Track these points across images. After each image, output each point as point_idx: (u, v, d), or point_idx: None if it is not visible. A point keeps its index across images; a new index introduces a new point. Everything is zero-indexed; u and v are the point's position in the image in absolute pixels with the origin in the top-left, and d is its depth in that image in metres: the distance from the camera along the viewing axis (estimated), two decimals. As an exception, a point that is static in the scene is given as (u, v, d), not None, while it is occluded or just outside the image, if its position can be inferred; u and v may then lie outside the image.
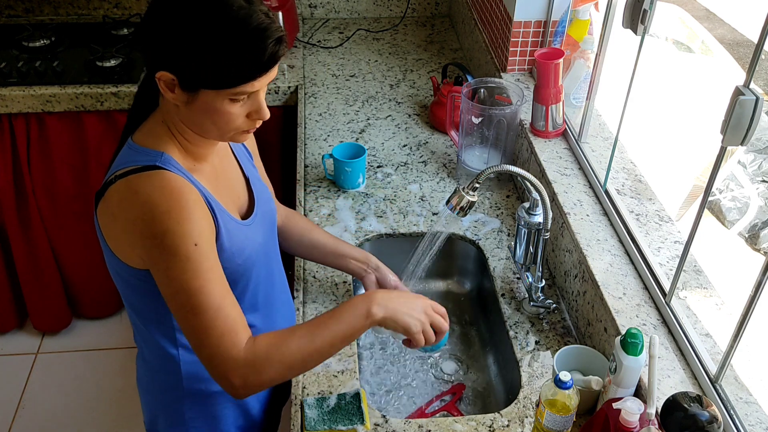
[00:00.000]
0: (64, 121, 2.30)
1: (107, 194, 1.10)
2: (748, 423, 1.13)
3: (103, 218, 1.12)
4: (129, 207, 1.07)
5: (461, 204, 1.44)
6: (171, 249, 1.04)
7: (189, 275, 1.05)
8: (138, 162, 1.09)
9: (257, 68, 1.04)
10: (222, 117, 1.08)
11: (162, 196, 1.05)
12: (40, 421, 2.49)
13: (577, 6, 1.90)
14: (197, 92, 1.06)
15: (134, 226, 1.06)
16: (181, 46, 1.02)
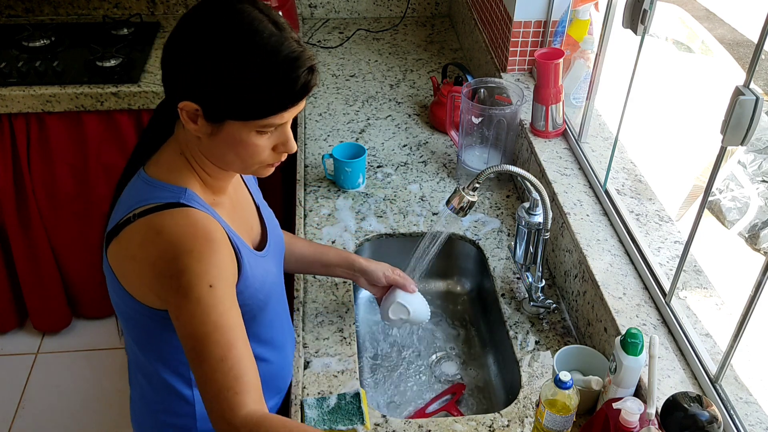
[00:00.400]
0: (64, 121, 2.30)
1: (124, 234, 1.03)
2: (748, 423, 1.13)
3: (119, 259, 1.06)
4: (151, 247, 1.01)
5: (461, 204, 1.44)
6: (184, 289, 0.98)
7: (197, 320, 0.99)
8: (159, 199, 1.03)
9: (288, 99, 0.99)
10: (247, 149, 1.03)
11: (187, 235, 1.00)
12: (40, 421, 2.49)
13: (577, 6, 1.90)
14: (222, 123, 1.00)
15: (154, 267, 1.01)
16: (207, 75, 0.97)
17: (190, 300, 0.98)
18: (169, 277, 0.99)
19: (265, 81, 0.97)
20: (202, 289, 0.98)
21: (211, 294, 0.99)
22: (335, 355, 1.45)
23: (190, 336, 0.99)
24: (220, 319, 1.00)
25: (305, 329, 1.51)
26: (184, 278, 0.98)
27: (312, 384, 1.39)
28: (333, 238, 1.75)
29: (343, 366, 1.43)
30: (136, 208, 1.03)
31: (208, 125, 1.01)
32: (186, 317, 0.99)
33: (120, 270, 1.06)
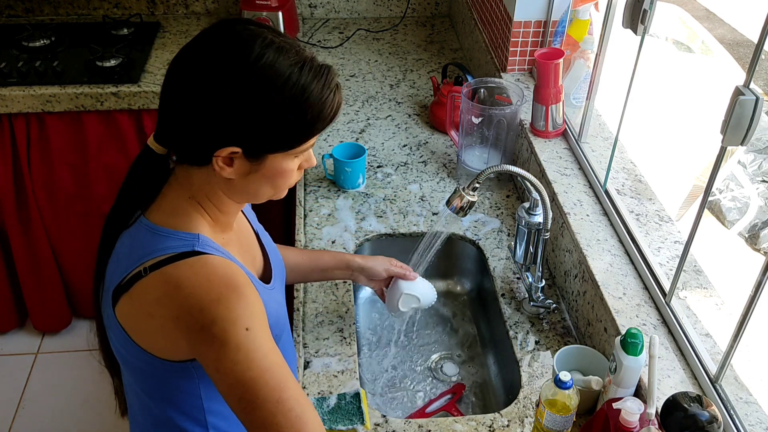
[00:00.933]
0: (64, 121, 2.30)
1: (136, 290, 0.97)
2: (748, 423, 1.13)
3: (131, 316, 1.00)
4: (171, 303, 0.95)
5: (461, 204, 1.44)
6: (220, 338, 0.92)
7: (242, 366, 0.93)
8: (171, 249, 0.97)
9: (325, 120, 0.98)
10: (284, 178, 1.01)
11: (210, 284, 0.95)
12: (40, 421, 2.49)
13: (577, 6, 1.90)
14: (263, 159, 0.97)
15: (178, 322, 0.95)
16: (245, 118, 0.93)
17: (229, 348, 0.93)
18: (200, 330, 0.93)
19: (309, 105, 0.95)
20: (239, 334, 0.93)
21: (250, 337, 0.94)
22: (335, 355, 1.45)
23: (236, 384, 0.94)
24: (265, 361, 0.95)
25: (305, 329, 1.51)
26: (216, 328, 0.93)
27: (312, 384, 1.39)
28: (333, 238, 1.75)
29: (343, 366, 1.43)
30: (146, 260, 0.97)
31: (247, 165, 0.97)
32: (228, 366, 0.93)
33: (133, 327, 1.00)
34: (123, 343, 1.03)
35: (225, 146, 0.94)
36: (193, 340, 0.95)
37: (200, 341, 0.94)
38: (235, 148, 0.94)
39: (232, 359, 0.93)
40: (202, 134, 0.95)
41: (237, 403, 0.95)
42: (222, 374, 0.94)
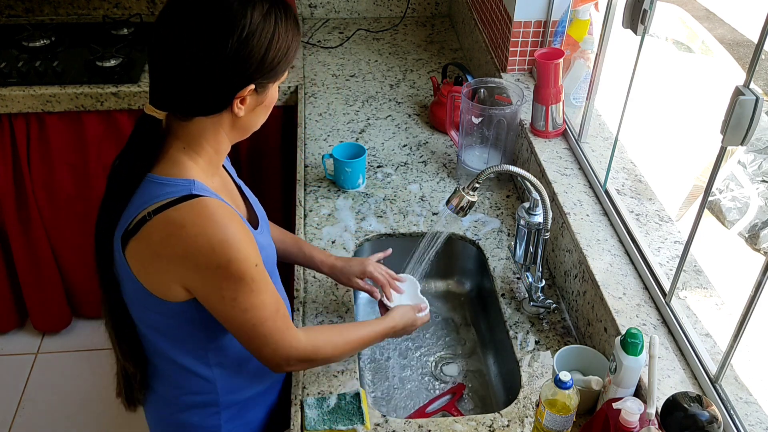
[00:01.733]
0: (64, 121, 2.30)
1: (142, 233, 1.07)
2: (748, 423, 1.13)
3: (139, 258, 1.10)
4: (177, 242, 1.05)
5: (461, 204, 1.44)
6: (238, 276, 1.08)
7: (255, 294, 1.11)
8: (170, 194, 1.07)
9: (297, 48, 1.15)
10: (273, 104, 1.17)
11: (213, 225, 1.06)
12: (40, 421, 2.49)
13: (577, 6, 1.90)
14: (267, 90, 1.12)
15: (186, 260, 1.06)
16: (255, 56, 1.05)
17: (246, 282, 1.09)
18: (216, 268, 1.06)
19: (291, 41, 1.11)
20: (252, 270, 1.10)
21: (258, 270, 1.11)
22: (335, 355, 1.45)
23: (250, 308, 1.12)
24: (268, 284, 1.15)
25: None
26: (233, 266, 1.07)
27: (312, 384, 1.39)
28: (333, 238, 1.75)
29: (343, 366, 1.43)
30: (149, 205, 1.07)
31: (255, 98, 1.11)
32: (245, 296, 1.10)
33: (141, 269, 1.11)
34: (133, 288, 1.14)
35: (243, 87, 1.07)
36: (209, 276, 1.07)
37: (219, 278, 1.07)
38: (251, 86, 1.07)
39: (249, 290, 1.10)
40: (221, 84, 1.06)
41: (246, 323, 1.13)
42: (238, 302, 1.10)
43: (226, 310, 1.12)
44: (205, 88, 1.06)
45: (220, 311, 1.12)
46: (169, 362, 1.26)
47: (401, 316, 1.41)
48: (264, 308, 1.14)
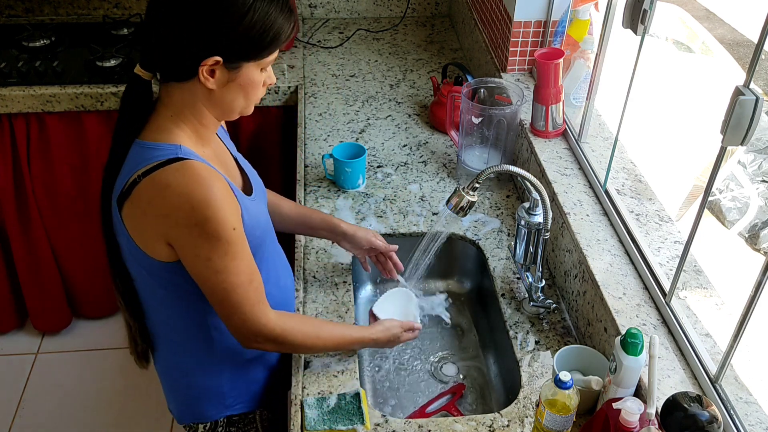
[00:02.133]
0: (64, 121, 2.30)
1: (134, 194, 1.13)
2: (748, 423, 1.13)
3: (132, 218, 1.15)
4: (162, 201, 1.11)
5: (461, 204, 1.44)
6: (214, 235, 1.12)
7: (230, 257, 1.14)
8: (158, 158, 1.12)
9: (288, 36, 1.16)
10: (255, 88, 1.18)
11: (196, 185, 1.10)
12: (40, 421, 2.49)
13: (577, 6, 1.90)
14: (239, 69, 1.13)
15: (168, 218, 1.11)
16: (229, 27, 1.08)
17: (222, 243, 1.13)
18: (193, 226, 1.11)
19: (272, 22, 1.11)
20: (229, 232, 1.13)
21: (236, 234, 1.15)
22: (335, 355, 1.45)
23: (222, 271, 1.15)
24: (245, 251, 1.18)
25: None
26: (210, 226, 1.11)
27: (312, 384, 1.39)
28: (333, 238, 1.75)
29: (343, 366, 1.43)
30: (138, 169, 1.12)
31: (225, 74, 1.13)
32: (219, 256, 1.14)
33: (133, 228, 1.16)
34: (130, 249, 1.20)
35: (208, 56, 1.09)
36: (185, 234, 1.12)
37: (192, 236, 1.12)
38: (217, 57, 1.10)
39: (224, 251, 1.13)
40: (188, 48, 1.10)
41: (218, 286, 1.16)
42: (211, 262, 1.14)
43: (200, 270, 1.15)
44: (172, 50, 1.11)
45: (196, 271, 1.16)
46: (168, 325, 1.32)
47: (384, 330, 1.42)
48: (237, 274, 1.16)
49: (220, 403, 1.41)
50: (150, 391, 2.54)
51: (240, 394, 1.43)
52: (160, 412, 2.48)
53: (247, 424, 1.48)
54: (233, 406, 1.43)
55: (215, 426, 1.45)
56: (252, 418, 1.48)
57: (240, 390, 1.42)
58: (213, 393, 1.40)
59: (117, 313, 2.85)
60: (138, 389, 2.56)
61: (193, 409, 1.43)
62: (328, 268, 1.67)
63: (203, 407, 1.42)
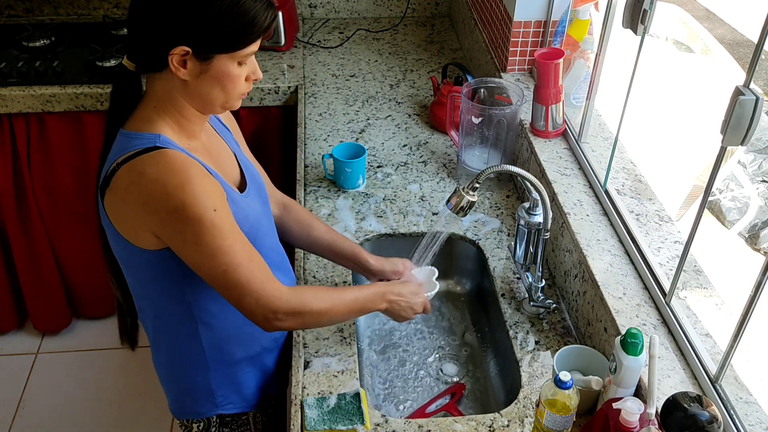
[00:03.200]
0: (64, 121, 2.30)
1: (113, 183, 1.13)
2: (748, 423, 1.13)
3: (112, 206, 1.15)
4: (138, 189, 1.10)
5: (461, 204, 1.44)
6: (194, 218, 1.09)
7: (219, 238, 1.12)
8: (136, 146, 1.13)
9: (264, 28, 1.13)
10: (232, 81, 1.15)
11: (170, 172, 1.10)
12: (40, 421, 2.49)
13: (577, 6, 1.90)
14: (211, 60, 1.12)
15: (147, 206, 1.10)
16: (196, 15, 1.07)
17: (204, 224, 1.10)
18: (171, 212, 1.09)
19: (245, 12, 1.09)
20: (210, 213, 1.11)
21: (219, 215, 1.12)
22: (335, 355, 1.45)
23: (216, 253, 1.13)
24: (235, 231, 1.16)
25: (305, 329, 1.51)
26: (188, 210, 1.09)
27: (312, 384, 1.39)
28: (333, 238, 1.75)
29: (343, 366, 1.43)
30: (118, 157, 1.13)
31: (198, 65, 1.12)
32: (206, 239, 1.11)
33: (115, 216, 1.16)
34: (113, 237, 1.20)
35: (176, 45, 1.09)
36: (166, 222, 1.11)
37: (173, 222, 1.10)
38: (185, 48, 1.09)
39: (209, 233, 1.11)
40: (157, 37, 1.09)
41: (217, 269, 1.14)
42: (201, 246, 1.12)
43: (193, 256, 1.14)
44: (143, 39, 1.11)
45: (190, 258, 1.15)
46: (157, 318, 1.31)
47: (400, 285, 1.41)
48: (233, 254, 1.14)
49: (209, 401, 1.41)
50: (150, 391, 2.54)
51: (229, 393, 1.42)
52: (160, 412, 2.48)
53: (241, 426, 1.47)
54: (224, 405, 1.42)
55: (208, 425, 1.44)
56: (246, 419, 1.47)
57: (229, 389, 1.41)
58: (201, 389, 1.39)
59: (117, 313, 2.85)
60: (138, 389, 2.56)
61: (185, 404, 1.43)
62: (328, 268, 1.67)
63: (194, 403, 1.42)
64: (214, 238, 1.12)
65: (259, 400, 1.48)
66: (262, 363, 1.45)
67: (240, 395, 1.44)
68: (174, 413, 1.48)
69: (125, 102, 1.19)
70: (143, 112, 1.18)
